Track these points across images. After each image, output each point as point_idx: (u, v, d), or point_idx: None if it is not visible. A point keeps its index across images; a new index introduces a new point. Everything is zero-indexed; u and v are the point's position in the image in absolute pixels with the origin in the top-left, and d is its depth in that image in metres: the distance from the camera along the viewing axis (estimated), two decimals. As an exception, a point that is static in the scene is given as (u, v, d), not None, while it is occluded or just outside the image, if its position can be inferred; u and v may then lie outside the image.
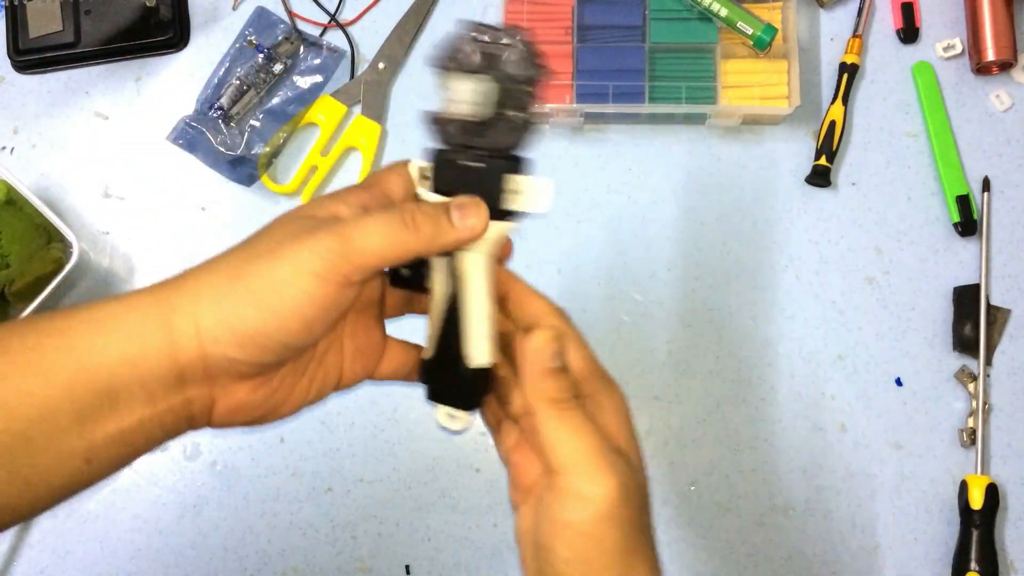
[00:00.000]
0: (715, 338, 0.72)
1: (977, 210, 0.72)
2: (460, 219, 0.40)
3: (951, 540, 0.68)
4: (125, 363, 0.36)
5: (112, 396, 0.36)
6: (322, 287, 0.37)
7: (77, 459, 0.36)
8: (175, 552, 0.71)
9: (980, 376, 0.69)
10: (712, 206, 0.74)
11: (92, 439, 0.36)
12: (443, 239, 0.39)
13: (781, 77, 0.72)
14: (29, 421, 0.35)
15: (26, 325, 0.37)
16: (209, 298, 0.37)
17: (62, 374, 0.35)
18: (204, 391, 0.38)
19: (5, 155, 0.78)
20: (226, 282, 0.37)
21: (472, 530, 0.70)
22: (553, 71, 0.73)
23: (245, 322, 0.36)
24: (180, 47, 0.79)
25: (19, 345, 0.36)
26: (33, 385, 0.35)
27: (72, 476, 0.37)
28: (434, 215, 0.39)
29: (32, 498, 0.36)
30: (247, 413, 0.40)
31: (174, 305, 0.37)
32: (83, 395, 0.35)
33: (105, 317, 0.37)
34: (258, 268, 0.37)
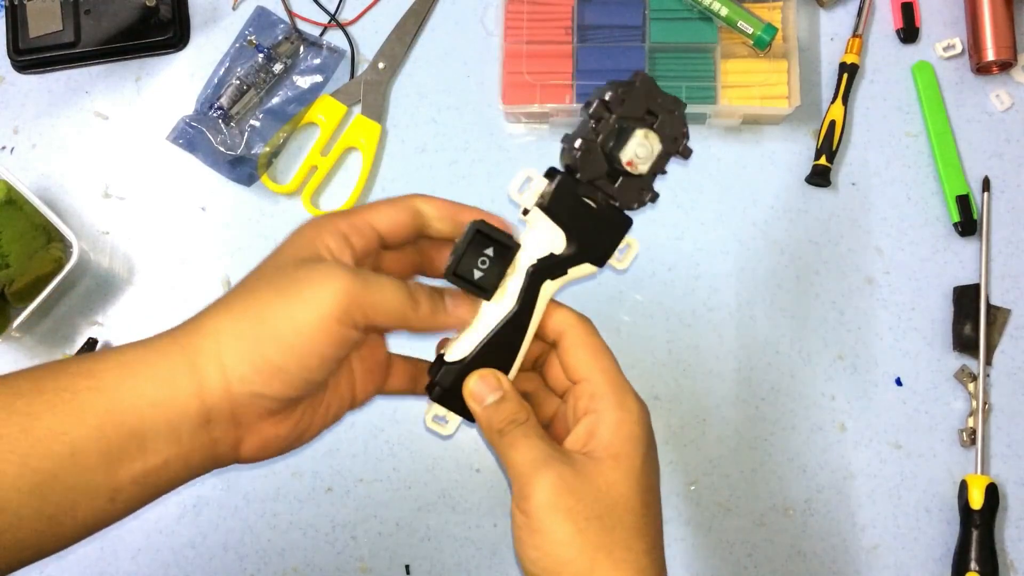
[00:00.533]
0: (715, 338, 0.72)
1: (977, 210, 0.72)
2: (453, 309, 0.43)
3: (951, 540, 0.68)
4: (154, 405, 0.37)
5: (140, 437, 0.37)
6: (337, 328, 0.39)
7: (102, 498, 0.37)
8: (175, 552, 0.71)
9: (980, 376, 0.69)
10: (712, 206, 0.74)
11: (118, 478, 0.37)
12: (436, 322, 0.42)
13: (781, 77, 0.72)
14: (59, 459, 0.36)
15: (59, 366, 0.38)
16: (230, 339, 0.39)
17: (92, 415, 0.37)
18: (230, 431, 0.39)
19: (5, 155, 0.78)
20: (245, 323, 0.39)
21: (472, 530, 0.70)
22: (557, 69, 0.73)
23: (268, 360, 0.38)
24: (180, 47, 0.79)
25: (52, 385, 0.37)
26: (65, 425, 0.36)
27: (96, 514, 0.38)
28: (433, 299, 0.42)
29: (56, 535, 0.37)
30: (273, 447, 0.42)
31: (198, 348, 0.38)
32: (112, 435, 0.37)
33: (134, 360, 0.38)
34: (276, 309, 0.39)
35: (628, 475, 0.41)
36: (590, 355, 0.44)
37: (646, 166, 0.43)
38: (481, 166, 0.76)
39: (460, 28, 0.78)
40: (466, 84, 0.77)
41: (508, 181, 0.44)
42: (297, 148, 0.77)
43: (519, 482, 0.41)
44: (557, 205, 0.43)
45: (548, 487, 0.40)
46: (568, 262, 0.44)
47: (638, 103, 0.43)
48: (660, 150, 0.43)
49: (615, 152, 0.43)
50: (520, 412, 0.43)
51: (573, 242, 0.44)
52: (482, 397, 0.43)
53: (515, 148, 0.76)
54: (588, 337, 0.44)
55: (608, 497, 0.40)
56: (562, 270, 0.44)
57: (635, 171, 0.43)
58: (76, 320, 0.75)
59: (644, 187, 0.44)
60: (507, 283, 0.43)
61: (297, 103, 0.76)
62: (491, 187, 0.75)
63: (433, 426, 0.45)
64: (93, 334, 0.74)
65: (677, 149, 0.44)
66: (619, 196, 0.44)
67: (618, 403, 0.42)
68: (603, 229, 0.44)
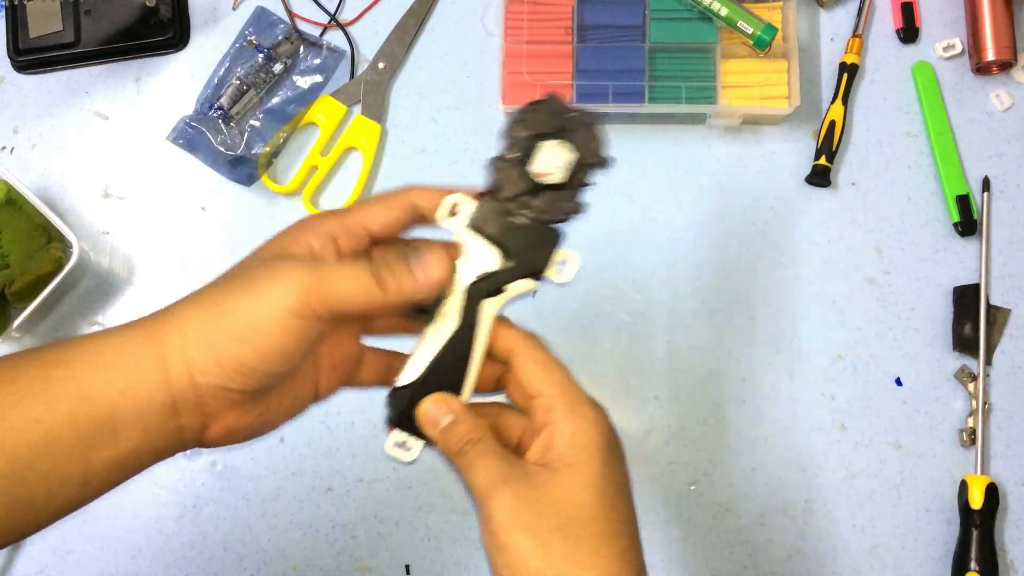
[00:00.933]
0: (715, 338, 0.72)
1: (977, 210, 0.72)
2: (422, 272, 0.42)
3: (951, 540, 0.68)
4: (125, 395, 0.38)
5: (111, 425, 0.38)
6: (296, 322, 0.39)
7: (75, 484, 0.38)
8: (175, 552, 0.71)
9: (980, 376, 0.69)
10: (712, 206, 0.74)
11: (91, 465, 0.38)
12: (406, 294, 0.41)
13: (781, 77, 0.72)
14: (33, 448, 0.37)
15: (32, 355, 0.39)
16: (194, 333, 0.39)
17: (66, 404, 0.37)
18: (196, 419, 0.40)
19: (5, 155, 0.78)
20: (208, 317, 0.40)
21: (472, 530, 0.70)
22: (557, 69, 0.73)
23: (229, 355, 0.39)
24: (180, 47, 0.79)
25: (25, 375, 0.38)
26: (39, 413, 0.37)
27: (70, 499, 0.39)
28: (399, 270, 0.41)
29: (33, 519, 0.38)
30: (237, 436, 0.43)
31: (165, 339, 0.39)
32: (85, 424, 0.37)
33: (105, 350, 0.39)
34: (235, 304, 0.39)
35: (586, 484, 0.41)
36: (540, 369, 0.44)
37: (559, 175, 0.45)
38: (481, 166, 0.75)
39: (460, 28, 0.78)
40: (466, 84, 0.77)
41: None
42: (297, 148, 0.77)
43: (480, 503, 0.42)
44: (483, 224, 0.45)
45: (506, 505, 0.40)
46: (503, 278, 0.45)
47: (548, 119, 0.45)
48: (572, 158, 0.45)
49: (528, 166, 0.45)
50: (474, 431, 0.43)
51: (506, 259, 0.45)
52: (436, 421, 0.44)
53: (515, 148, 0.76)
54: (536, 353, 0.45)
55: (568, 508, 0.40)
56: (500, 287, 0.45)
57: (548, 181, 0.45)
58: (76, 320, 0.75)
59: (567, 199, 0.45)
60: (448, 304, 0.45)
61: (297, 103, 0.76)
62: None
63: (394, 453, 0.46)
64: (93, 334, 0.74)
65: (593, 159, 0.45)
66: (543, 209, 0.45)
67: (571, 412, 0.42)
68: (534, 244, 0.45)
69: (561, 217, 0.45)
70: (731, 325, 0.72)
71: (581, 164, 0.45)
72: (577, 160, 0.45)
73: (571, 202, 0.45)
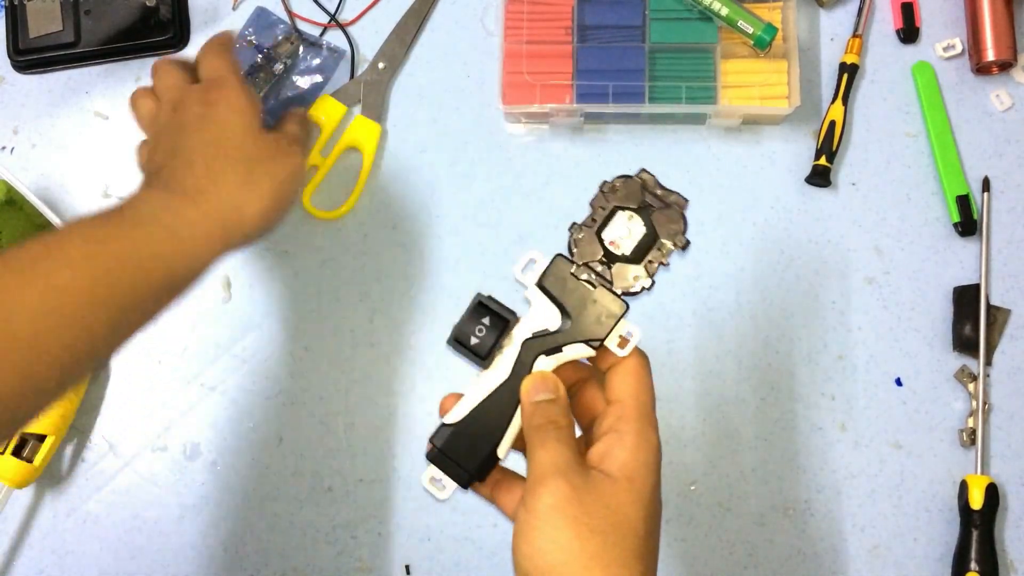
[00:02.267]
0: (715, 338, 0.72)
1: (977, 210, 0.72)
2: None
3: (951, 540, 0.68)
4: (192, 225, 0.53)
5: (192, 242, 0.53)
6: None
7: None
8: (175, 552, 0.71)
9: (980, 376, 0.69)
10: (712, 206, 0.74)
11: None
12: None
13: (781, 77, 0.72)
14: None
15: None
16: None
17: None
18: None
19: (5, 155, 0.78)
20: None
21: (472, 530, 0.70)
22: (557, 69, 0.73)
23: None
24: (180, 47, 0.79)
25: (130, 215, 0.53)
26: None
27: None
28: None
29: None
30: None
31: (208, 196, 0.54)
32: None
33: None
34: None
35: (639, 498, 0.42)
36: (633, 381, 0.46)
37: (629, 246, 0.46)
38: (481, 166, 0.76)
39: (460, 28, 0.78)
40: (466, 84, 0.77)
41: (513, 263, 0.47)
42: (297, 148, 0.77)
43: (534, 480, 0.42)
44: (551, 283, 0.46)
45: (559, 492, 0.41)
46: (561, 339, 0.46)
47: (635, 194, 0.47)
48: (644, 232, 0.46)
49: (601, 233, 0.47)
50: (563, 418, 0.44)
51: (567, 320, 0.46)
52: (535, 393, 0.45)
53: (515, 148, 0.76)
54: (641, 371, 0.46)
55: (615, 515, 0.41)
56: (557, 347, 0.46)
57: (618, 251, 0.46)
58: (76, 320, 0.75)
59: (637, 273, 0.47)
60: (504, 352, 0.46)
61: (297, 103, 0.76)
62: (491, 187, 0.75)
63: (429, 487, 0.47)
64: (93, 334, 0.74)
65: (669, 239, 0.47)
66: (612, 279, 0.47)
67: (641, 430, 0.44)
68: (598, 311, 0.46)
69: (628, 290, 0.47)
70: (731, 325, 0.72)
71: (660, 243, 0.47)
72: (654, 236, 0.47)
73: (641, 276, 0.47)
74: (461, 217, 0.75)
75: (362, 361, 0.73)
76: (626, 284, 0.47)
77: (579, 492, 0.41)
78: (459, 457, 0.46)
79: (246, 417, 0.73)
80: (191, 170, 0.54)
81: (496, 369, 0.46)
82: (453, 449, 0.46)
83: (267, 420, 0.73)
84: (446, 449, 0.46)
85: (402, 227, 0.75)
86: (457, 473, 0.46)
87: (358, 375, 0.73)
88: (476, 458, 0.46)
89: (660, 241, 0.47)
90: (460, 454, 0.46)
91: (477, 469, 0.46)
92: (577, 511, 0.41)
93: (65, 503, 0.72)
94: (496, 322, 0.46)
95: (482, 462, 0.46)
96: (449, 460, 0.46)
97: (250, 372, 0.73)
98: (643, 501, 0.42)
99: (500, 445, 0.46)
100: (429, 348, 0.73)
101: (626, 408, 0.45)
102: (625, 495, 0.42)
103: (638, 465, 0.43)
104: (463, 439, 0.46)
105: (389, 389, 0.72)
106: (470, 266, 0.74)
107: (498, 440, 0.46)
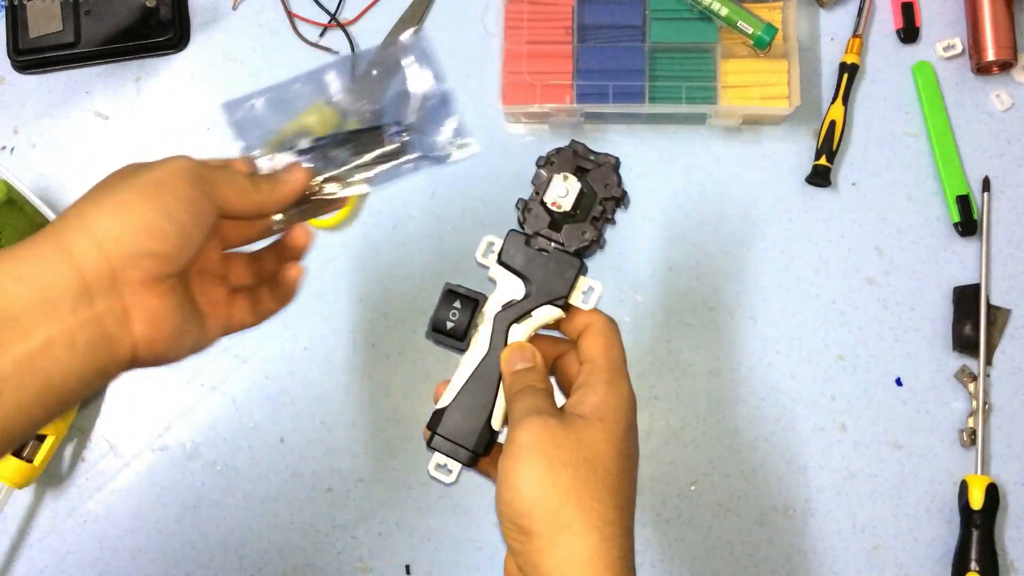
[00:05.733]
0: (715, 338, 0.72)
1: (977, 210, 0.72)
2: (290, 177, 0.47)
3: (951, 540, 0.68)
4: (21, 281, 0.36)
5: (13, 317, 0.36)
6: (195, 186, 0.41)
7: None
8: (175, 552, 0.71)
9: (980, 376, 0.69)
10: (712, 206, 0.74)
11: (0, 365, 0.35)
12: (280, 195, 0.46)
13: (781, 77, 0.72)
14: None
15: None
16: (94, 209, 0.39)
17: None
18: (115, 302, 0.38)
19: (5, 155, 0.78)
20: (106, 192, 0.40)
21: (472, 530, 0.70)
22: (557, 69, 0.73)
23: (136, 214, 0.39)
24: (180, 47, 0.79)
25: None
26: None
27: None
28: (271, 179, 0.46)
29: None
30: (167, 331, 0.41)
31: (62, 227, 0.38)
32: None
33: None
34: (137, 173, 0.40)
35: (610, 436, 0.44)
36: (603, 343, 0.47)
37: (569, 203, 0.48)
38: (481, 166, 0.76)
39: (460, 28, 0.78)
40: (466, 84, 0.77)
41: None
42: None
43: (512, 426, 0.45)
44: (509, 257, 0.49)
45: (533, 430, 0.43)
46: (528, 305, 0.49)
47: (568, 162, 0.50)
48: (580, 188, 0.49)
49: (543, 198, 0.49)
50: (540, 382, 0.47)
51: (531, 287, 0.49)
52: (513, 363, 0.47)
53: (515, 148, 0.76)
54: (608, 331, 0.48)
55: (587, 450, 0.43)
56: (526, 313, 0.49)
57: (560, 210, 0.49)
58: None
59: (585, 230, 0.49)
60: (479, 332, 0.49)
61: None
62: (491, 187, 0.75)
63: (436, 474, 0.49)
64: (93, 334, 0.74)
65: (608, 194, 0.49)
66: (564, 240, 0.49)
67: (613, 380, 0.46)
68: (557, 273, 0.49)
69: (580, 247, 0.49)
70: (731, 325, 0.72)
71: (600, 198, 0.49)
72: (593, 194, 0.49)
73: (589, 232, 0.49)
74: (461, 217, 0.75)
75: (362, 361, 0.73)
76: (577, 242, 0.49)
77: (552, 429, 0.43)
78: (457, 437, 0.48)
79: (246, 417, 0.73)
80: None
81: (475, 349, 0.49)
82: (450, 431, 0.48)
83: (267, 420, 0.73)
84: (444, 433, 0.48)
85: (402, 227, 0.75)
86: (459, 453, 0.48)
87: (358, 375, 0.73)
88: (473, 435, 0.48)
89: (599, 197, 0.49)
90: (457, 434, 0.48)
91: (476, 445, 0.48)
92: (550, 445, 0.42)
93: (65, 503, 0.72)
94: (467, 303, 0.49)
95: (479, 437, 0.48)
96: (448, 442, 0.48)
97: (250, 372, 0.73)
98: (615, 439, 0.44)
99: (492, 418, 0.48)
100: (429, 348, 0.72)
101: (596, 364, 0.47)
102: (597, 432, 0.44)
103: (608, 408, 0.45)
104: (457, 420, 0.48)
105: (389, 389, 0.72)
106: (470, 266, 0.74)
107: (490, 413, 0.48)
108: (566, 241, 0.49)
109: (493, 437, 0.49)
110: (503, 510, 0.43)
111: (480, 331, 0.49)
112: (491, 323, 0.49)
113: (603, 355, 0.47)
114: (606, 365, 0.46)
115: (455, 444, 0.48)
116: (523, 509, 0.42)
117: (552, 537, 0.41)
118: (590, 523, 0.41)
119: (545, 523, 0.41)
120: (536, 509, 0.41)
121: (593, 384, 0.46)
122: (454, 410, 0.48)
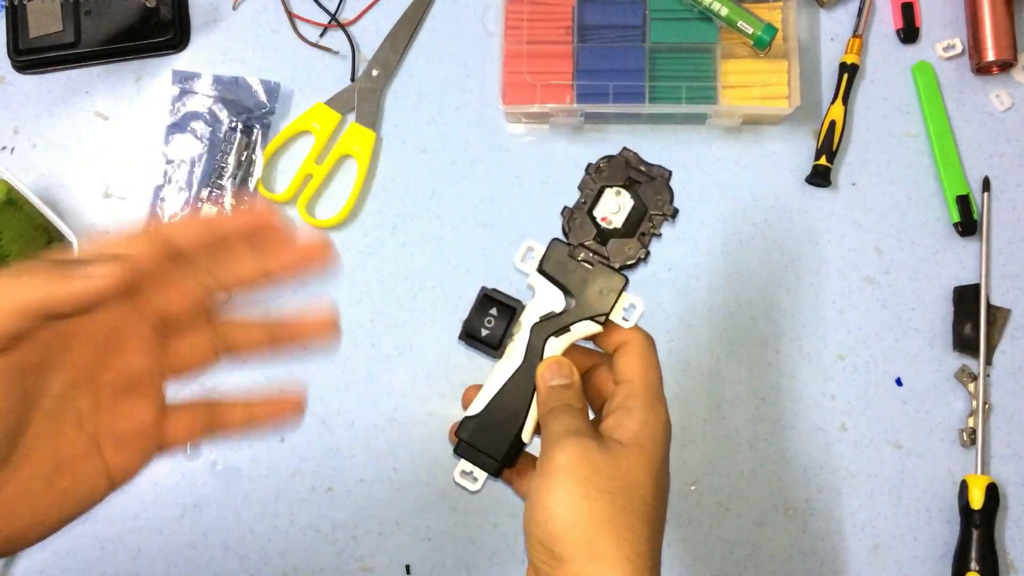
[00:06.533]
0: (715, 338, 0.72)
1: (977, 210, 0.72)
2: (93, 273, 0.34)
3: (951, 540, 0.68)
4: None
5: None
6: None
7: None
8: (175, 552, 0.71)
9: (980, 376, 0.69)
10: (712, 206, 0.74)
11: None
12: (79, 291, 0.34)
13: (781, 77, 0.72)
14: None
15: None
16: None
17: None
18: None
19: (5, 155, 0.78)
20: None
21: (472, 530, 0.70)
22: (558, 69, 0.73)
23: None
24: (180, 47, 0.79)
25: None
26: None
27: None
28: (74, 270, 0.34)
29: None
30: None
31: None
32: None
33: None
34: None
35: (648, 464, 0.43)
36: (640, 363, 0.46)
37: (620, 220, 0.48)
38: (481, 166, 0.76)
39: (460, 28, 0.78)
40: (466, 84, 0.77)
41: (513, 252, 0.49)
42: (292, 157, 0.77)
43: (548, 445, 0.44)
44: (551, 267, 0.48)
45: (571, 454, 0.42)
46: (567, 319, 0.48)
47: (619, 172, 0.49)
48: (631, 204, 0.48)
49: (592, 210, 0.48)
50: (577, 401, 0.46)
51: (571, 300, 0.48)
52: (550, 378, 0.47)
53: (515, 148, 0.76)
54: (646, 351, 0.47)
55: (625, 478, 0.42)
56: (565, 328, 0.48)
57: (610, 226, 0.48)
58: (76, 320, 0.75)
59: (632, 245, 0.48)
60: (515, 340, 0.48)
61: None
62: (491, 187, 0.75)
63: (461, 481, 0.48)
64: (93, 334, 0.74)
65: (657, 210, 0.48)
66: (609, 255, 0.48)
67: (650, 405, 0.45)
68: (600, 289, 0.48)
69: (626, 262, 0.48)
70: (731, 325, 0.72)
71: (650, 214, 0.48)
72: (644, 209, 0.48)
73: (637, 247, 0.48)
74: (461, 217, 0.75)
75: (362, 361, 0.73)
76: (623, 258, 0.48)
77: (590, 453, 0.42)
78: (486, 446, 0.47)
79: (246, 417, 0.73)
80: None
81: (510, 357, 0.48)
82: (479, 440, 0.47)
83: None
84: (472, 441, 0.47)
85: (402, 227, 0.75)
86: (486, 462, 0.47)
87: (358, 375, 0.73)
88: (502, 445, 0.47)
89: (649, 212, 0.48)
90: (486, 443, 0.47)
91: (505, 456, 0.47)
92: (588, 471, 0.42)
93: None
94: (503, 312, 0.48)
95: (508, 448, 0.47)
96: (476, 451, 0.47)
97: (249, 372, 0.73)
98: (652, 468, 0.43)
99: (523, 430, 0.47)
100: (429, 348, 0.73)
101: (634, 386, 0.46)
102: (635, 460, 0.43)
103: (647, 435, 0.44)
104: (487, 429, 0.47)
105: (389, 389, 0.72)
106: (471, 266, 0.74)
107: (521, 425, 0.47)
108: (612, 256, 0.48)
109: (521, 449, 0.48)
110: (533, 531, 0.42)
111: (515, 340, 0.48)
112: (527, 333, 0.48)
113: (641, 376, 0.46)
114: (644, 388, 0.45)
115: (483, 454, 0.47)
116: (556, 533, 0.41)
117: (584, 564, 0.40)
118: (623, 554, 0.40)
119: (577, 550, 0.40)
120: (570, 535, 0.41)
121: (631, 409, 0.45)
122: (485, 419, 0.47)
